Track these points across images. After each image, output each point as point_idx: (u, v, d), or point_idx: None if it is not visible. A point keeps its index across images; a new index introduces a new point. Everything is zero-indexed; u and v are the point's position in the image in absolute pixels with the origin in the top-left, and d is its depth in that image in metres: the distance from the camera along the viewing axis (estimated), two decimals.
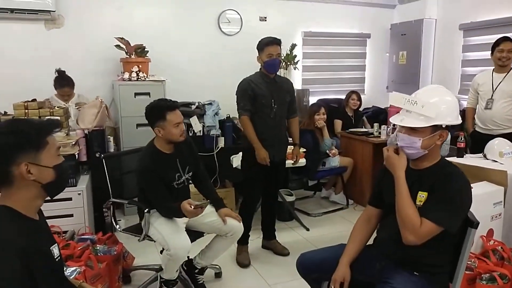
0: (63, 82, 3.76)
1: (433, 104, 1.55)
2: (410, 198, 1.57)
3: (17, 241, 1.19)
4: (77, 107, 3.45)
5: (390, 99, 1.68)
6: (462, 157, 3.10)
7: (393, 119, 1.67)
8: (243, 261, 3.02)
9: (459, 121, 1.65)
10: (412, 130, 1.59)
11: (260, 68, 2.96)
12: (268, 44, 2.89)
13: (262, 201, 3.27)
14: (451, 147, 3.53)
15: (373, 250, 1.78)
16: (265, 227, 3.23)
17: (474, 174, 2.67)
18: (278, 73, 3.03)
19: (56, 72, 3.77)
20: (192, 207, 2.25)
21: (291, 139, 3.25)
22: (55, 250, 1.35)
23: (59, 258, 1.37)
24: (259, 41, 2.94)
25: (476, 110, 3.70)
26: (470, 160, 2.96)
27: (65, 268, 1.66)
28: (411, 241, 1.53)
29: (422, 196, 1.60)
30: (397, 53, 5.32)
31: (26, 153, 1.22)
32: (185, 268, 2.62)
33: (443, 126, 1.58)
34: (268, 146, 2.96)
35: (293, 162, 3.25)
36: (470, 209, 1.63)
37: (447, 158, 2.98)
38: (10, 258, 1.16)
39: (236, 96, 2.99)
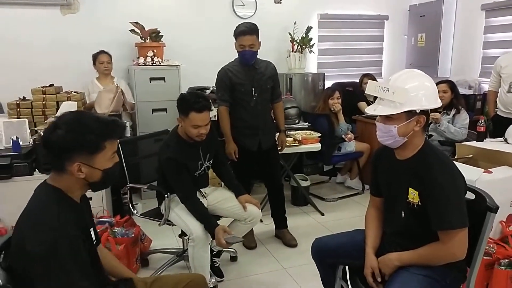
0: (98, 52, 3.83)
1: (404, 89, 1.49)
2: (423, 255, 1.54)
3: (75, 222, 1.27)
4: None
5: (367, 89, 1.64)
6: (482, 141, 3.02)
7: (368, 109, 1.64)
8: (249, 244, 3.04)
9: (437, 104, 1.59)
10: (387, 119, 1.55)
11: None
12: (239, 34, 2.77)
13: (267, 192, 3.24)
14: (470, 131, 3.45)
15: (387, 236, 1.77)
16: (274, 217, 3.21)
17: (494, 159, 2.61)
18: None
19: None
20: (226, 237, 2.17)
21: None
22: (92, 233, 1.42)
23: (96, 241, 1.44)
24: (235, 28, 2.83)
25: (498, 93, 3.60)
26: (490, 144, 2.89)
27: None
28: (461, 258, 1.50)
29: (413, 193, 1.56)
30: (415, 35, 5.19)
31: (81, 154, 1.27)
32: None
33: (418, 112, 1.52)
34: (252, 135, 2.93)
35: (280, 148, 3.14)
36: (490, 194, 1.60)
37: (467, 143, 2.95)
38: (78, 236, 1.25)
39: (215, 86, 2.95)
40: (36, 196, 1.31)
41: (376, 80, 4.62)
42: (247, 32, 2.77)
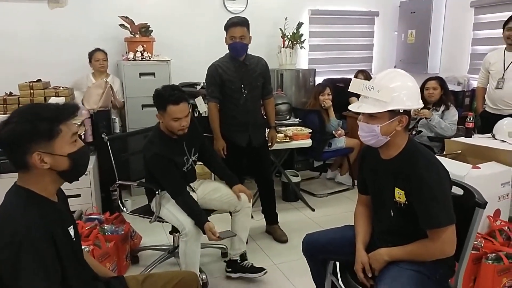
0: (93, 50, 3.83)
1: (389, 88, 1.50)
2: (412, 251, 1.55)
3: (43, 224, 1.21)
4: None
5: (350, 86, 1.63)
6: (471, 137, 3.06)
7: (351, 107, 1.63)
8: None
9: (419, 105, 1.61)
10: (370, 118, 1.56)
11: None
12: (230, 25, 2.76)
13: (258, 188, 3.25)
14: (459, 127, 3.49)
15: (376, 234, 1.77)
16: (265, 213, 3.21)
17: (483, 154, 2.65)
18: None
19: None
20: (217, 234, 2.19)
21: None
22: (71, 231, 1.36)
23: (75, 239, 1.39)
24: (226, 21, 2.82)
25: (487, 89, 3.64)
26: (478, 140, 2.93)
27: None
28: (450, 254, 1.52)
29: (399, 193, 1.57)
30: (405, 31, 5.21)
31: (38, 142, 1.21)
32: (230, 269, 2.58)
33: (401, 111, 1.53)
34: (242, 131, 2.93)
35: (270, 145, 3.15)
36: (478, 189, 1.62)
37: (456, 139, 2.99)
38: (45, 241, 1.19)
39: (205, 82, 2.94)
40: (5, 200, 1.26)
41: (371, 77, 4.63)
42: (238, 23, 2.76)
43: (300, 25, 4.64)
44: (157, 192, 2.37)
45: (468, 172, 2.37)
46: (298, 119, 4.07)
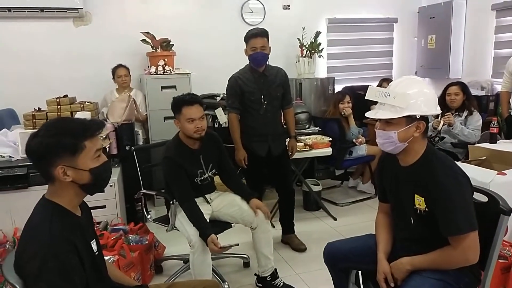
0: (116, 66, 3.97)
1: (405, 94, 1.51)
2: (435, 259, 1.53)
3: (67, 237, 1.25)
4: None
5: (367, 94, 1.64)
6: (496, 142, 2.99)
7: (368, 114, 1.64)
8: None
9: (437, 111, 1.60)
10: (386, 124, 1.56)
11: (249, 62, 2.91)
12: (251, 36, 2.81)
13: (278, 197, 3.25)
14: (483, 133, 3.41)
15: (398, 242, 1.76)
16: (282, 222, 3.21)
17: (508, 160, 2.58)
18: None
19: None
20: (219, 246, 2.18)
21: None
22: (93, 245, 1.40)
23: (97, 253, 1.42)
24: (246, 33, 2.87)
25: None
26: (503, 145, 2.86)
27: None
28: (473, 262, 1.49)
29: (419, 200, 1.56)
30: (425, 37, 5.15)
31: (62, 157, 1.26)
32: (260, 284, 2.58)
33: (418, 117, 1.53)
34: (262, 141, 2.95)
35: (290, 154, 3.15)
36: (505, 196, 1.59)
37: (480, 145, 2.92)
38: (69, 253, 1.23)
39: (225, 93, 2.99)
40: (34, 212, 1.31)
41: None
42: (258, 34, 2.81)
43: (318, 34, 4.67)
44: (171, 202, 2.41)
45: (493, 178, 2.31)
46: (317, 128, 4.07)
